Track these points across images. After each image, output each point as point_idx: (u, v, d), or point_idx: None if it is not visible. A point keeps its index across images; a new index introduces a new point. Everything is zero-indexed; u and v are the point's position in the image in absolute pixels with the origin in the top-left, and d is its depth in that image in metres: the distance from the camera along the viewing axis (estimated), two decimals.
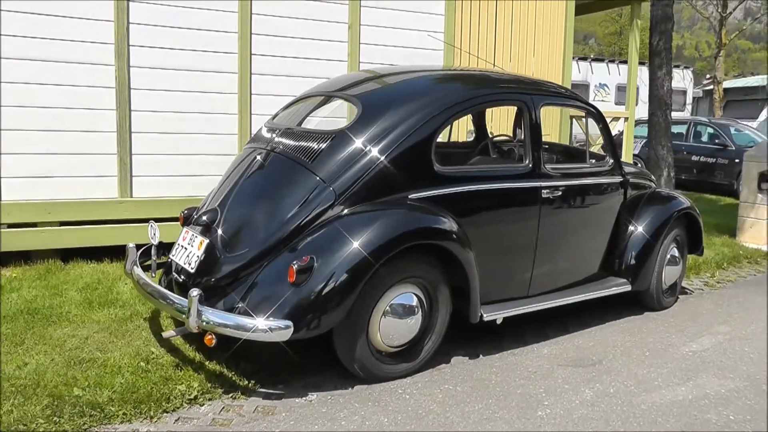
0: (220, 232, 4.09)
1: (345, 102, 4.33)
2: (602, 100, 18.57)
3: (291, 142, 4.24)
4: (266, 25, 6.48)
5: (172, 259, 4.29)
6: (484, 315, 4.31)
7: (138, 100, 6.07)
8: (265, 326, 3.58)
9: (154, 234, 4.44)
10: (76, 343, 4.35)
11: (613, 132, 9.11)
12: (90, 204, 5.98)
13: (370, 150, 3.97)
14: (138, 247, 4.57)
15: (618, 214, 5.34)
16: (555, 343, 4.75)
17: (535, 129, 4.53)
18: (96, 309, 4.96)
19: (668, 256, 5.64)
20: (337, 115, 4.34)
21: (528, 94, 4.57)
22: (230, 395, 3.83)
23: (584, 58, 19.55)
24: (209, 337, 3.76)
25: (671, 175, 9.06)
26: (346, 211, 3.89)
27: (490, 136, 5.73)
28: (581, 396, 3.89)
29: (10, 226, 5.81)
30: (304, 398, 3.80)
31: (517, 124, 4.61)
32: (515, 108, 4.60)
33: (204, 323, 3.66)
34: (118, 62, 5.96)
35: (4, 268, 5.92)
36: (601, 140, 5.48)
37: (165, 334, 4.00)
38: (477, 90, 4.50)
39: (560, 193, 4.66)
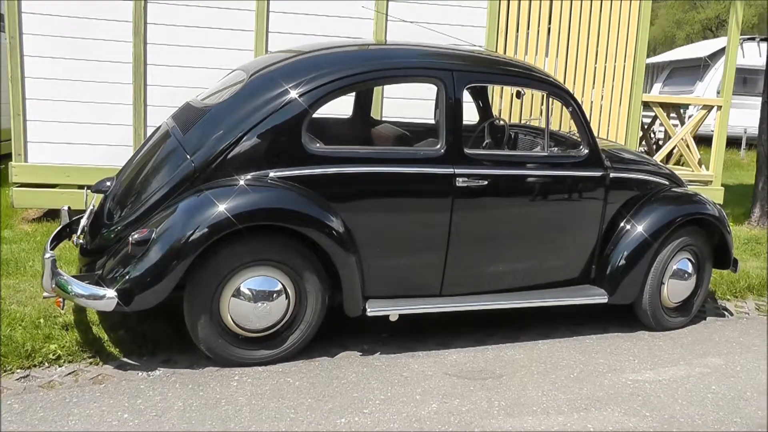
0: (108, 201, 4.15)
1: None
2: None
3: (182, 117, 4.19)
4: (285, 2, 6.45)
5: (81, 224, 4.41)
6: (368, 310, 3.95)
7: (153, 75, 6.30)
8: (87, 293, 3.59)
9: (86, 200, 4.60)
10: (7, 294, 4.63)
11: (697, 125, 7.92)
12: (106, 171, 6.30)
13: (234, 127, 3.79)
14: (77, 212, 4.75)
15: (603, 214, 4.61)
16: (478, 350, 4.25)
17: (453, 109, 4.03)
18: (59, 266, 5.22)
19: (674, 268, 4.79)
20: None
21: (446, 70, 4.06)
22: (90, 360, 3.87)
23: None
24: (58, 299, 3.83)
25: None
26: (202, 186, 3.76)
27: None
28: (421, 409, 3.44)
29: (33, 186, 6.33)
30: (147, 372, 3.75)
31: (436, 103, 4.13)
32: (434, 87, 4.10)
33: (54, 286, 3.73)
34: (135, 39, 6.23)
35: (29, 223, 6.48)
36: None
37: (45, 295, 4.14)
38: (368, 64, 4.08)
39: (487, 183, 4.11)
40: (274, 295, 3.78)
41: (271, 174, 3.76)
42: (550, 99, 4.47)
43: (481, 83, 4.46)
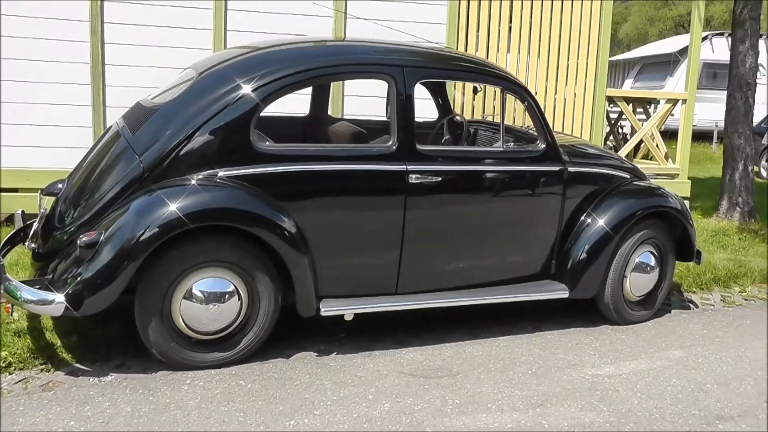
0: (59, 204, 4.07)
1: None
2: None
3: (132, 117, 4.12)
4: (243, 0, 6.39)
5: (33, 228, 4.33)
6: (322, 310, 3.90)
7: (111, 75, 6.21)
8: (36, 299, 3.51)
9: (40, 204, 4.52)
10: None
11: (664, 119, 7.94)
12: (66, 174, 6.22)
13: (182, 125, 3.73)
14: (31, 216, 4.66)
15: (561, 209, 4.59)
16: (436, 348, 4.21)
17: (404, 105, 3.99)
18: (16, 271, 5.13)
19: (636, 261, 4.78)
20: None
21: (396, 66, 4.02)
22: (42, 367, 3.79)
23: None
24: (6, 305, 3.75)
25: (749, 170, 7.71)
26: (153, 186, 3.69)
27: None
28: (373, 409, 3.39)
29: None
30: (99, 378, 3.67)
31: (387, 99, 4.09)
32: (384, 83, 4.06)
33: (2, 292, 3.65)
34: (92, 38, 6.14)
35: None
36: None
37: None
38: (317, 60, 4.03)
39: (440, 179, 4.08)
40: (226, 296, 3.72)
41: (221, 173, 3.70)
42: (505, 94, 4.44)
43: (433, 79, 4.42)
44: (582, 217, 4.64)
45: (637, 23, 32.33)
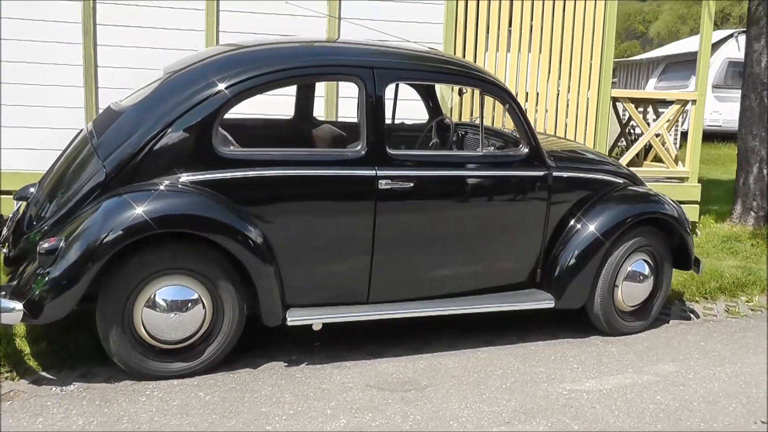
0: (30, 208, 4.04)
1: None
2: None
3: (100, 121, 4.07)
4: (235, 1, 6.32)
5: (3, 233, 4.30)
6: (288, 319, 3.80)
7: (104, 77, 6.19)
8: None
9: (18, 208, 4.50)
10: None
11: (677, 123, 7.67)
12: None
13: (146, 131, 3.66)
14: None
15: (546, 215, 4.43)
16: (411, 360, 4.08)
17: (374, 107, 3.87)
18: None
19: (628, 269, 4.59)
20: None
21: (365, 67, 3.89)
22: (8, 375, 3.75)
23: None
24: None
25: (765, 173, 7.42)
26: (118, 191, 3.63)
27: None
28: (328, 424, 3.28)
29: None
30: (61, 387, 3.62)
31: (357, 101, 3.95)
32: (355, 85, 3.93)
33: None
34: (84, 40, 6.12)
35: None
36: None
37: None
38: (283, 62, 3.92)
39: (412, 185, 3.94)
40: (189, 305, 3.64)
41: (183, 178, 3.62)
42: (485, 96, 4.29)
43: (407, 81, 4.29)
44: (570, 224, 4.48)
45: (668, 21, 31.72)
